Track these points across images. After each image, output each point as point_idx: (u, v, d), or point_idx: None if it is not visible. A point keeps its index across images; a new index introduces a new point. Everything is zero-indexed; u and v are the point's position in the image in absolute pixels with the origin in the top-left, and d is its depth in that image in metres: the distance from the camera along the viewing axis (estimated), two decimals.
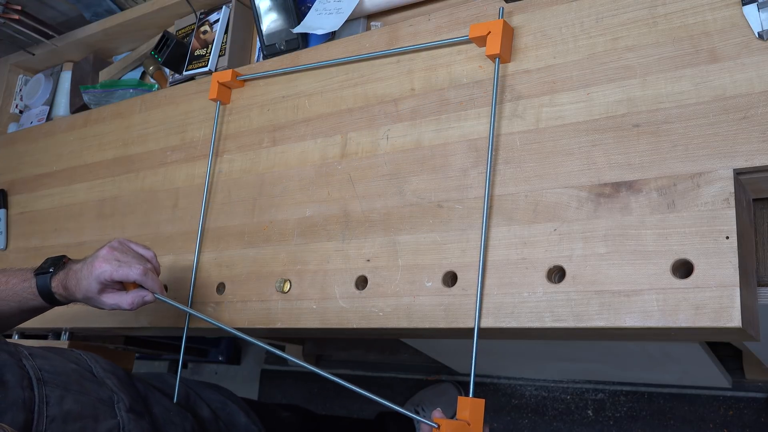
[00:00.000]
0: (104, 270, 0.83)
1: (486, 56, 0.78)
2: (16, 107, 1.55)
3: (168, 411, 0.90)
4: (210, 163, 1.02)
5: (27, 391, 0.72)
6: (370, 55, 0.90)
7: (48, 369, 0.77)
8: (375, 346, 1.77)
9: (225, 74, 1.03)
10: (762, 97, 0.62)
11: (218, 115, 1.04)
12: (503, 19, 0.77)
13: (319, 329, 0.84)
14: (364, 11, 0.99)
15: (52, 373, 0.77)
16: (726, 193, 0.61)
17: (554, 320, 0.67)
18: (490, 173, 0.75)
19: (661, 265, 0.62)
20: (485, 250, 0.73)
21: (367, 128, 0.88)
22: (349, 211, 0.86)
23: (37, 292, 0.88)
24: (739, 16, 0.65)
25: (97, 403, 0.78)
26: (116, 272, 0.83)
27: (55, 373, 0.77)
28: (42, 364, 0.77)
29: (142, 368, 2.20)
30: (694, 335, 0.63)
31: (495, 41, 0.77)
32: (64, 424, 0.73)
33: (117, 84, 1.33)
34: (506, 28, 0.77)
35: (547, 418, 1.61)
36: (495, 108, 0.77)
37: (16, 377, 0.72)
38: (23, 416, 0.69)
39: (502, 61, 0.78)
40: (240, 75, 1.03)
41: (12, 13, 1.36)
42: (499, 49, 0.76)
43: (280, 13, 1.06)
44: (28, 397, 0.71)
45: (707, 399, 1.46)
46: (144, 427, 0.82)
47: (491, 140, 0.75)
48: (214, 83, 1.03)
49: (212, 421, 0.98)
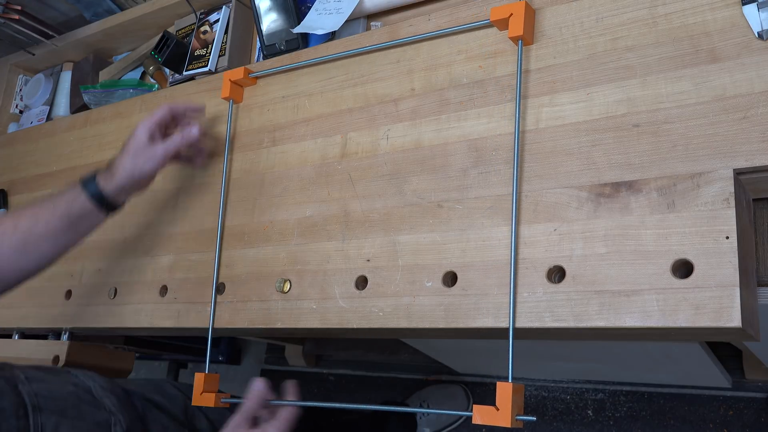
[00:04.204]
0: (143, 122, 0.91)
1: (509, 38, 0.77)
2: (16, 107, 1.55)
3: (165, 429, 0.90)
4: (225, 161, 1.01)
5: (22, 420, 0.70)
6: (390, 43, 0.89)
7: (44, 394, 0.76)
8: (375, 346, 1.77)
9: (237, 72, 1.02)
10: (762, 97, 0.62)
11: (231, 114, 1.03)
12: (525, 0, 0.76)
13: (319, 329, 0.84)
14: (364, 11, 0.99)
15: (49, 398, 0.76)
16: (726, 193, 0.61)
17: (554, 320, 0.67)
18: (517, 163, 0.74)
19: (661, 265, 0.62)
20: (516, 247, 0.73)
21: (367, 128, 0.88)
22: (349, 211, 0.86)
23: (84, 195, 0.88)
24: (739, 16, 0.65)
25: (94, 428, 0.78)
26: (155, 116, 0.90)
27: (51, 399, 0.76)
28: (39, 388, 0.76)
29: (142, 368, 2.20)
30: (694, 335, 0.63)
31: (518, 23, 0.76)
32: None
33: (117, 84, 1.33)
34: (528, 9, 0.76)
35: (547, 418, 1.61)
36: (520, 93, 0.76)
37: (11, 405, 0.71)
38: None
39: (525, 43, 0.77)
40: (252, 72, 1.03)
41: (12, 13, 1.36)
42: (522, 31, 0.75)
43: (280, 13, 1.06)
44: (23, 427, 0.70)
45: (707, 399, 1.46)
46: None
47: (517, 127, 0.75)
48: (226, 82, 1.02)
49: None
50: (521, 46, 0.77)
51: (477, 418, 0.67)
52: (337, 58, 0.94)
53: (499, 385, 0.68)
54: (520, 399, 0.69)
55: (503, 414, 0.66)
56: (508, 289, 0.70)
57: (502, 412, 0.66)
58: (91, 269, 1.13)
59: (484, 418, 0.67)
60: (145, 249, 1.07)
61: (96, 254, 1.14)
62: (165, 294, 1.01)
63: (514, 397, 0.67)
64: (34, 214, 0.86)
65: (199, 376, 0.90)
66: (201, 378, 0.90)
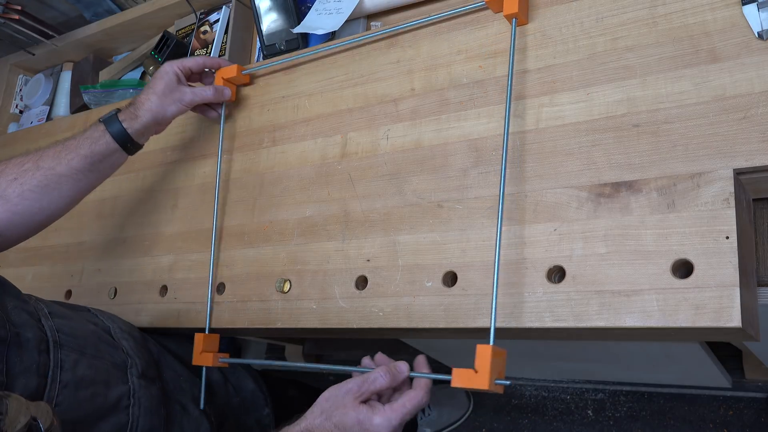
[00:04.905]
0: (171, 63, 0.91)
1: (504, 17, 0.78)
2: (16, 107, 1.54)
3: (179, 376, 0.90)
4: (219, 160, 1.01)
5: (43, 355, 0.71)
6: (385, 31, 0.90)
7: (66, 331, 0.76)
8: (375, 347, 1.77)
9: (230, 70, 1.02)
10: (762, 97, 0.62)
11: (224, 112, 1.04)
12: None
13: (319, 329, 0.84)
14: (364, 11, 0.99)
15: (70, 335, 0.76)
16: (726, 193, 0.61)
17: (554, 320, 0.67)
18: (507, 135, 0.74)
19: (661, 265, 0.62)
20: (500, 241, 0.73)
21: (367, 128, 0.88)
22: (349, 211, 0.86)
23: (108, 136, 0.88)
24: (739, 16, 0.65)
25: (111, 368, 0.78)
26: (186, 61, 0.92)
27: (72, 336, 0.76)
28: (60, 324, 0.77)
29: None
30: (694, 335, 0.63)
31: (512, 0, 0.76)
32: (77, 390, 0.73)
33: (117, 84, 1.33)
34: None
35: (547, 418, 1.61)
36: (512, 72, 0.76)
37: (34, 338, 0.71)
38: (36, 382, 0.69)
39: (519, 23, 0.78)
40: (245, 69, 1.03)
41: (12, 13, 1.36)
42: (517, 8, 0.76)
43: (280, 13, 1.06)
44: (42, 362, 0.71)
45: (707, 399, 1.46)
46: (153, 393, 0.82)
47: (507, 114, 0.75)
48: (219, 80, 1.02)
49: (221, 384, 0.99)
50: (515, 24, 0.77)
51: (456, 381, 0.66)
52: (333, 51, 0.94)
53: (478, 348, 0.66)
54: (501, 363, 0.67)
55: (481, 376, 0.64)
56: (508, 289, 0.70)
57: (481, 374, 0.65)
58: (91, 269, 1.13)
59: (463, 380, 0.65)
60: (145, 249, 1.07)
61: (96, 254, 1.14)
62: (165, 294, 1.01)
63: (494, 360, 0.65)
64: (56, 154, 0.86)
65: (199, 336, 0.92)
66: (200, 338, 0.92)
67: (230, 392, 0.99)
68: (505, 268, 0.71)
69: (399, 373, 0.71)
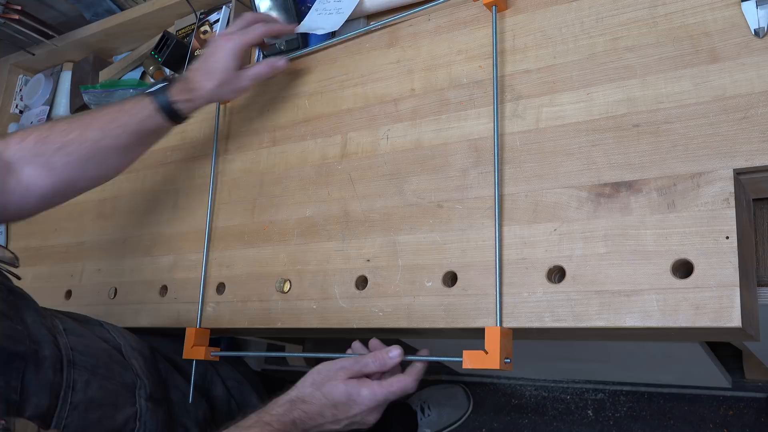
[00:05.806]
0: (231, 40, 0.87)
1: (483, 5, 0.80)
2: (16, 107, 1.54)
3: (185, 396, 0.90)
4: (213, 161, 1.02)
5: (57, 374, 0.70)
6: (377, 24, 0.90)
7: (80, 349, 0.76)
8: None
9: None
10: (762, 97, 0.62)
11: (219, 113, 1.04)
12: None
13: (319, 329, 0.84)
14: (364, 11, 0.99)
15: (83, 354, 0.76)
16: (726, 193, 0.61)
17: (554, 320, 0.67)
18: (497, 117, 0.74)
19: (661, 265, 0.62)
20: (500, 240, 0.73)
21: (367, 128, 0.88)
22: (349, 211, 0.86)
23: (162, 116, 0.87)
24: (739, 16, 0.65)
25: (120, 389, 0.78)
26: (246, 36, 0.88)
27: (86, 354, 0.76)
28: (75, 343, 0.76)
29: None
30: (694, 335, 0.64)
31: None
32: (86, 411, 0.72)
33: (117, 84, 1.33)
34: None
35: (547, 418, 1.61)
36: (496, 60, 0.78)
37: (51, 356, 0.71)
38: (47, 402, 0.68)
39: (499, 10, 0.79)
40: None
41: (12, 13, 1.36)
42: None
43: (280, 13, 1.06)
44: (56, 382, 0.70)
45: (707, 399, 1.46)
46: (160, 416, 0.82)
47: (495, 91, 0.75)
48: None
49: (225, 400, 0.99)
50: (495, 12, 0.79)
51: (467, 362, 0.69)
52: (333, 51, 0.94)
53: (487, 330, 0.69)
54: (509, 343, 0.70)
55: (492, 357, 0.67)
56: (508, 289, 0.70)
57: (491, 355, 0.68)
58: (91, 269, 1.13)
59: (474, 362, 0.68)
60: (145, 249, 1.07)
61: (96, 254, 1.14)
62: (165, 294, 1.01)
63: (503, 341, 0.68)
64: (102, 128, 0.84)
65: (191, 331, 0.93)
66: (192, 332, 0.92)
67: (233, 408, 0.99)
68: (505, 268, 0.71)
69: (390, 359, 0.76)
